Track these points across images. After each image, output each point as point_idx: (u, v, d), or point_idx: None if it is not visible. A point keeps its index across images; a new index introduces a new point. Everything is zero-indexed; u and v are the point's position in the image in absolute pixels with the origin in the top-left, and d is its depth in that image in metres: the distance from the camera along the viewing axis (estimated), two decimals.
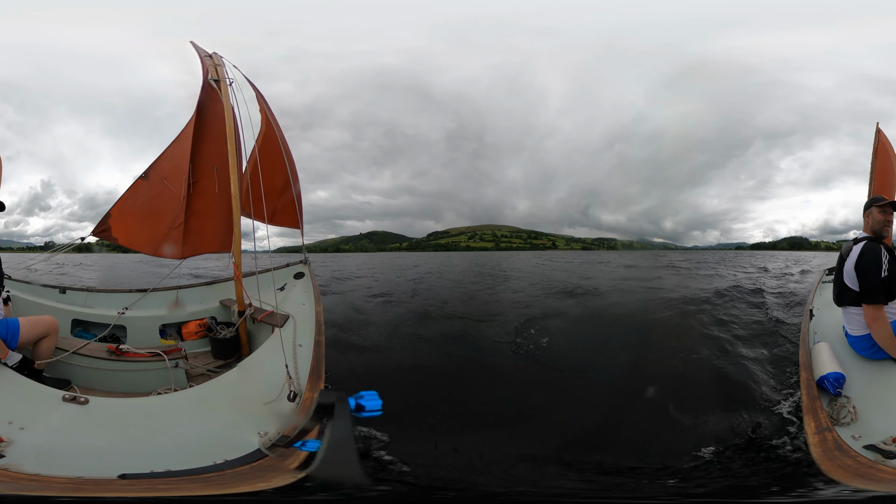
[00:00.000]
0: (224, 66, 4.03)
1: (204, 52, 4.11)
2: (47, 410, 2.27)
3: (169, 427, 2.35)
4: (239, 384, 2.82)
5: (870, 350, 2.89)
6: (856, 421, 2.38)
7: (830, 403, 2.53)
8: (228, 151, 3.84)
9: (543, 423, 3.59)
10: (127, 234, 4.13)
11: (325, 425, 2.04)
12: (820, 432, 2.26)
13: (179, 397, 2.78)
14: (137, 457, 2.00)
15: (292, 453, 2.05)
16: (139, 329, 4.17)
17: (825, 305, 4.15)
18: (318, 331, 3.44)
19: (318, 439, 2.04)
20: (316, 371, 2.85)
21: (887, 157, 5.69)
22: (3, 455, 1.89)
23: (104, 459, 1.96)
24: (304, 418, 2.21)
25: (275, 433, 2.17)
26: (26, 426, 2.11)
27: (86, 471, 1.85)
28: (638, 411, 3.71)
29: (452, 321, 7.40)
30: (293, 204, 4.80)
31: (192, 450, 2.05)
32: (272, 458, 2.04)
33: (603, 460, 2.97)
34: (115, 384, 3.28)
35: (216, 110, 3.95)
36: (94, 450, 2.06)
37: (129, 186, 4.07)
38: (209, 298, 4.64)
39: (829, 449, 2.13)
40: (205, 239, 4.40)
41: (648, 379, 4.26)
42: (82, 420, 2.26)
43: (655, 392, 3.89)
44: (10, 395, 2.40)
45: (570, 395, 4.17)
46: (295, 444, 2.07)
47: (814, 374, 2.78)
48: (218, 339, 3.97)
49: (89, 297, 4.36)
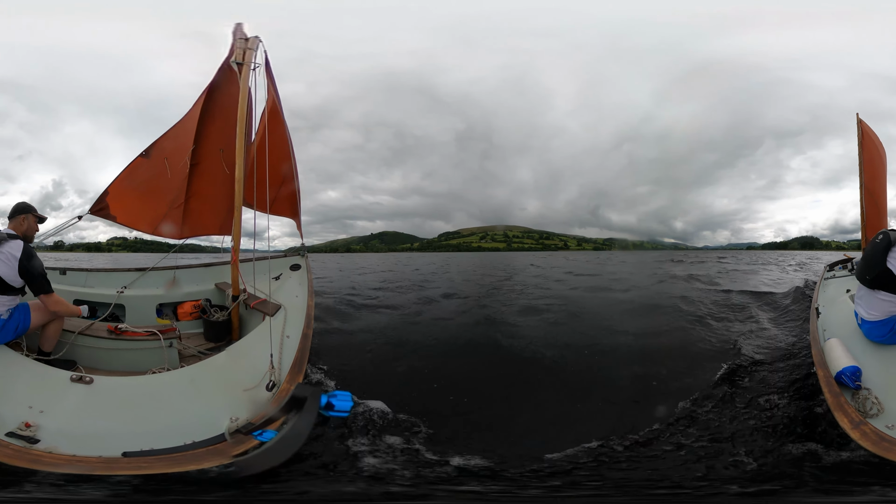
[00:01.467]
0: (255, 52, 3.91)
1: (242, 33, 3.97)
2: (59, 392, 2.42)
3: (163, 406, 2.48)
4: (226, 368, 2.90)
5: (886, 335, 3.03)
6: (882, 412, 2.40)
7: (854, 398, 2.54)
8: (237, 135, 3.80)
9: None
10: (125, 212, 4.12)
11: (288, 418, 2.09)
12: (857, 427, 2.27)
13: (172, 377, 2.85)
14: (137, 436, 2.13)
15: (247, 440, 2.12)
16: (137, 308, 4.22)
17: (830, 302, 4.19)
18: (307, 324, 3.46)
19: (276, 430, 2.09)
20: (298, 363, 2.88)
21: (873, 147, 5.79)
22: (39, 439, 2.03)
23: (109, 437, 2.11)
24: (276, 408, 2.24)
25: (244, 420, 2.23)
26: (45, 409, 2.25)
27: (96, 449, 2.00)
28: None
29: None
30: (294, 195, 4.79)
31: (178, 429, 2.17)
32: (227, 444, 2.13)
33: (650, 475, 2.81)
34: (115, 363, 3.35)
35: (230, 93, 3.90)
36: (99, 429, 2.22)
37: (129, 164, 4.05)
38: (205, 280, 4.66)
39: (877, 441, 2.15)
40: (205, 221, 4.38)
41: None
42: (90, 400, 2.42)
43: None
44: (24, 379, 2.53)
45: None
46: (254, 433, 2.12)
47: (830, 371, 2.78)
48: (211, 321, 3.99)
49: (89, 277, 4.42)
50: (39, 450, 1.97)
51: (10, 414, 2.15)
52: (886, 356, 2.93)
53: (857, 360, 2.78)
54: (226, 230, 4.22)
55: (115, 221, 4.10)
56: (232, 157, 3.86)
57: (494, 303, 8.80)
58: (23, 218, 3.09)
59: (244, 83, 3.81)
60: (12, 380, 2.51)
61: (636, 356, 4.94)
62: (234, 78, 3.86)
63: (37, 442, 2.01)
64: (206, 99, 4.00)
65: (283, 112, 4.46)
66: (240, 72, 3.82)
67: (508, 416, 3.63)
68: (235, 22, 3.84)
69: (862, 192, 5.82)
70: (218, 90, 3.99)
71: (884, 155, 5.99)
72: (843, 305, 3.87)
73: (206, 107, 4.01)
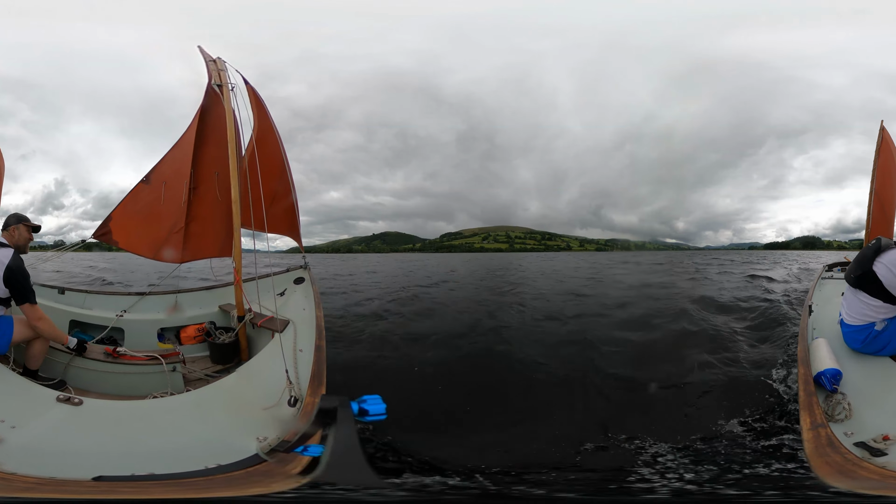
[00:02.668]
0: (227, 71, 4.01)
1: (209, 56, 4.10)
2: (40, 410, 2.27)
3: (160, 430, 2.33)
4: (237, 389, 2.79)
5: (861, 343, 3.05)
6: (850, 418, 2.41)
7: (826, 400, 2.58)
8: (229, 157, 3.83)
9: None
10: (127, 238, 4.15)
11: (327, 430, 1.98)
12: (814, 428, 2.29)
13: (174, 401, 2.76)
14: (121, 459, 1.98)
15: (293, 458, 1.99)
16: (137, 332, 4.18)
17: (824, 302, 4.18)
18: (318, 336, 3.39)
19: (320, 444, 1.99)
20: (317, 376, 2.79)
21: (890, 155, 5.74)
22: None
23: (85, 460, 1.93)
24: (306, 423, 2.16)
25: (274, 438, 2.11)
26: (18, 425, 2.11)
27: (63, 471, 1.82)
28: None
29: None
30: (289, 211, 4.80)
31: (184, 454, 2.03)
32: (271, 464, 1.99)
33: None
34: (111, 386, 3.27)
35: (219, 115, 3.95)
36: (77, 451, 2.05)
37: (131, 190, 4.10)
38: (208, 303, 4.63)
39: (822, 445, 2.16)
40: (205, 243, 4.40)
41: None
42: (73, 421, 2.25)
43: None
44: (5, 395, 2.41)
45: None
46: (296, 450, 2.01)
47: (811, 370, 2.81)
48: (217, 343, 3.94)
49: (88, 299, 4.38)
50: None
51: None
52: (868, 366, 2.94)
53: (840, 363, 2.80)
54: (226, 252, 4.25)
55: (117, 246, 4.13)
56: (226, 180, 3.88)
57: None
58: (14, 228, 3.10)
59: (227, 104, 3.85)
60: None
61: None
62: (220, 100, 3.90)
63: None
64: (199, 122, 4.03)
65: (275, 127, 4.48)
66: (221, 93, 3.86)
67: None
68: (197, 45, 3.91)
69: (871, 197, 5.80)
70: (208, 113, 4.02)
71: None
72: (836, 306, 3.84)
73: (200, 130, 4.05)
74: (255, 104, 4.30)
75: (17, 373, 2.82)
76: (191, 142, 4.04)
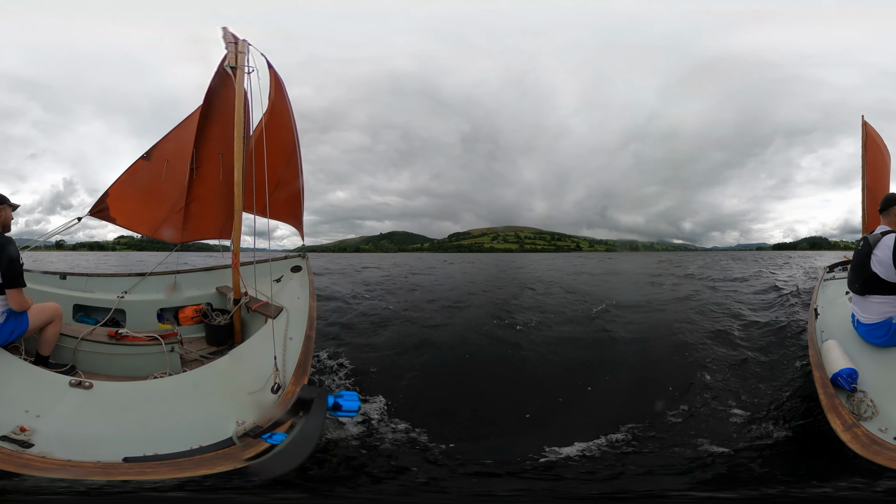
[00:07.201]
0: (248, 55, 3.89)
1: (232, 37, 3.94)
2: (57, 397, 2.39)
3: (166, 411, 2.46)
4: (229, 372, 2.87)
5: (883, 338, 3.02)
6: (877, 415, 2.40)
7: (849, 400, 2.56)
8: (235, 139, 3.79)
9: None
10: (125, 215, 4.12)
11: (297, 420, 2.03)
12: (848, 429, 2.28)
13: (174, 382, 2.84)
14: (136, 441, 2.09)
15: (256, 444, 2.09)
16: (138, 313, 4.20)
17: (828, 303, 4.18)
18: (309, 325, 3.44)
19: (286, 433, 2.05)
20: (302, 365, 2.85)
21: (877, 149, 5.83)
22: (33, 444, 2.00)
23: (110, 444, 2.07)
24: (282, 411, 2.20)
25: (251, 423, 2.19)
26: (41, 414, 2.22)
27: (97, 455, 1.97)
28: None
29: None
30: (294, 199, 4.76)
31: (180, 434, 2.14)
32: (237, 448, 2.10)
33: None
34: (116, 368, 3.34)
35: (227, 97, 3.89)
36: (100, 435, 2.18)
37: (130, 166, 4.04)
38: (206, 284, 4.66)
39: (868, 444, 2.15)
40: (205, 225, 4.38)
41: None
42: (89, 405, 2.39)
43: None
44: (21, 384, 2.51)
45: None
46: (263, 436, 2.10)
47: (827, 373, 2.80)
48: (212, 325, 3.97)
49: (89, 282, 4.40)
50: (32, 454, 1.93)
51: (5, 418, 2.12)
52: (883, 358, 2.94)
53: (854, 362, 2.79)
54: (226, 234, 4.20)
55: (115, 223, 4.10)
56: (230, 161, 3.85)
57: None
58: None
59: (239, 87, 3.79)
60: (8, 383, 2.49)
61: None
62: (231, 82, 3.84)
63: (31, 446, 1.98)
64: (206, 103, 3.99)
65: (292, 112, 4.41)
66: (234, 75, 3.80)
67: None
68: (221, 26, 3.78)
69: (864, 194, 5.87)
70: (216, 94, 3.97)
71: (888, 157, 5.99)
72: (841, 307, 3.87)
73: (206, 110, 4.00)
74: (276, 87, 4.23)
75: (30, 361, 2.92)
76: (195, 121, 4.00)
